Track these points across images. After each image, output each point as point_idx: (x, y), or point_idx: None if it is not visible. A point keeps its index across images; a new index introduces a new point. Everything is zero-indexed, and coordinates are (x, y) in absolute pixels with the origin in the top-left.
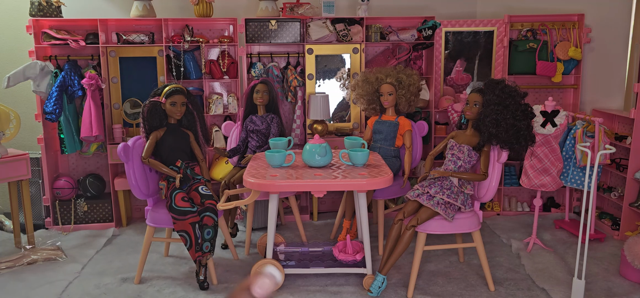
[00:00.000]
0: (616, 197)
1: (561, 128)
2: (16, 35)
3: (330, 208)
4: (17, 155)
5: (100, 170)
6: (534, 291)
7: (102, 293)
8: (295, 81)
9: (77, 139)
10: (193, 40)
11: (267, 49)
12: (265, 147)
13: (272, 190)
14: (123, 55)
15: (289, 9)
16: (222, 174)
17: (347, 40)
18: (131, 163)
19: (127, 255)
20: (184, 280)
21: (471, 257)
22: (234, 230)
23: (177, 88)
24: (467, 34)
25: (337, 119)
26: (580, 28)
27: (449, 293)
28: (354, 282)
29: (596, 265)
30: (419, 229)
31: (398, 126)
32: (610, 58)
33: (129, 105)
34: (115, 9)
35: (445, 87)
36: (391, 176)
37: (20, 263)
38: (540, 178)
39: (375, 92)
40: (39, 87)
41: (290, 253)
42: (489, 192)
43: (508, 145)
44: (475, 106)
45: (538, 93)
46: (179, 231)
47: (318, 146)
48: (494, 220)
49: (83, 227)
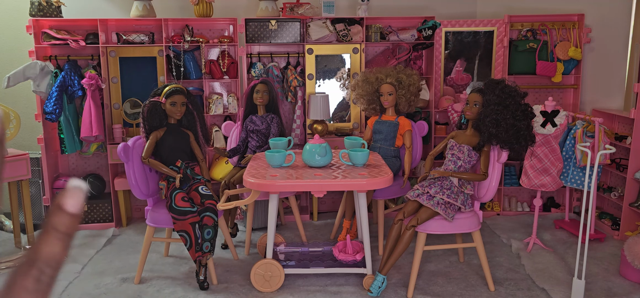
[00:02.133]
0: (616, 197)
1: (561, 128)
2: (16, 35)
3: (330, 208)
4: (17, 155)
5: (100, 170)
6: (534, 291)
7: (102, 293)
8: (295, 81)
9: (77, 139)
10: (193, 40)
11: (267, 49)
12: (265, 147)
13: (272, 190)
14: (123, 55)
15: (289, 9)
16: (222, 174)
17: (347, 40)
18: (131, 164)
19: (127, 255)
20: (184, 280)
21: (471, 257)
22: (234, 230)
23: (177, 88)
24: (467, 34)
25: (337, 119)
26: (580, 28)
27: (449, 293)
28: (354, 282)
29: (596, 265)
30: (419, 229)
31: (398, 126)
32: (610, 58)
33: (129, 105)
34: (115, 9)
35: (445, 87)
36: (391, 176)
37: None
38: (540, 178)
39: (375, 92)
40: (39, 87)
41: (290, 253)
42: (489, 192)
43: (508, 145)
44: (475, 106)
45: (538, 93)
46: (179, 231)
47: (318, 146)
48: (494, 220)
49: (83, 227)
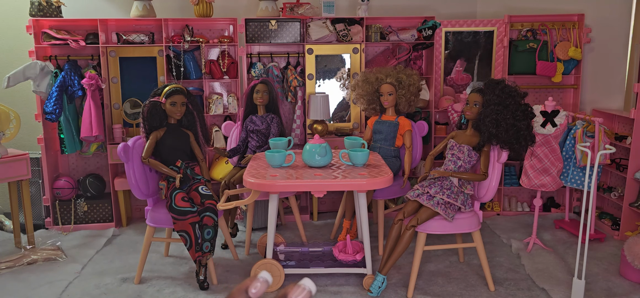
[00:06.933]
0: (616, 197)
1: (561, 128)
2: (16, 35)
3: (330, 208)
4: (17, 155)
5: (100, 170)
6: (534, 291)
7: (102, 293)
8: (295, 81)
9: (77, 139)
10: (193, 40)
11: (267, 49)
12: (265, 147)
13: (272, 190)
14: (123, 55)
15: (289, 9)
16: (222, 174)
17: (347, 40)
18: (131, 164)
19: (127, 255)
20: (184, 280)
21: (471, 257)
22: (234, 230)
23: (177, 88)
24: (467, 34)
25: (337, 119)
26: (580, 28)
27: (449, 293)
28: (354, 282)
29: (596, 265)
30: (419, 229)
31: (398, 126)
32: (610, 58)
33: (129, 105)
34: (115, 9)
35: (445, 87)
36: (391, 176)
37: (20, 263)
38: (540, 178)
39: (375, 92)
40: (39, 87)
41: (290, 253)
42: (489, 192)
43: (508, 145)
44: (475, 106)
45: (538, 93)
46: (179, 231)
47: (318, 146)
48: (494, 220)
49: (83, 227)
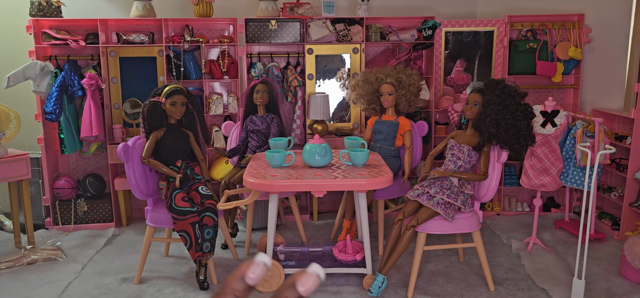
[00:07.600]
0: (616, 197)
1: (561, 128)
2: (16, 35)
3: (330, 208)
4: (17, 155)
5: (100, 170)
6: (534, 291)
7: (102, 293)
8: (295, 81)
9: (77, 139)
10: (193, 40)
11: (267, 49)
12: (265, 147)
13: (272, 190)
14: (123, 55)
15: (289, 9)
16: (222, 174)
17: (347, 40)
18: (131, 164)
19: (127, 255)
20: (184, 280)
21: (471, 257)
22: (234, 230)
23: (177, 88)
24: (467, 34)
25: (337, 119)
26: (580, 28)
27: (449, 293)
28: (354, 282)
29: (596, 265)
30: (419, 229)
31: (398, 126)
32: (610, 58)
33: (129, 105)
34: (115, 9)
35: (445, 87)
36: (391, 176)
37: (20, 263)
38: (540, 178)
39: (375, 92)
40: (39, 87)
41: (290, 253)
42: (489, 192)
43: (508, 145)
44: (475, 106)
45: (538, 93)
46: (179, 231)
47: (318, 146)
48: (494, 220)
49: (83, 227)
